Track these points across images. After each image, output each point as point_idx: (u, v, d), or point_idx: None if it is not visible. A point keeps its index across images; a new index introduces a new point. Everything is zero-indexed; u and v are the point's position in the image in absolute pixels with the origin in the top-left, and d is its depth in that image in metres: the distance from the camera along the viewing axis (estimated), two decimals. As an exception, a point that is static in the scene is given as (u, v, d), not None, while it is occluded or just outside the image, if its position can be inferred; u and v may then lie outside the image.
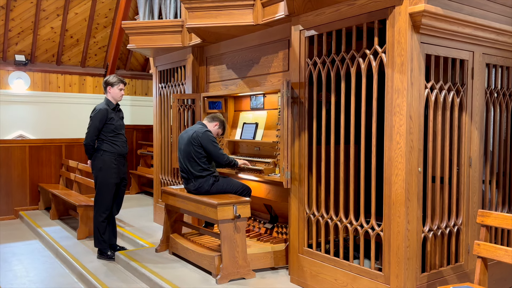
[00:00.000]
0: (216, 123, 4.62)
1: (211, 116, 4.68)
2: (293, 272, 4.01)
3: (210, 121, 4.62)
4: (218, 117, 4.68)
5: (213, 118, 4.64)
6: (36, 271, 4.89)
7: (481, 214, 2.79)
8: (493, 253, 2.67)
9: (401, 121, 3.09)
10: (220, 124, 4.64)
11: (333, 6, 3.51)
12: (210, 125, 4.60)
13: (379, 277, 3.27)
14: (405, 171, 3.08)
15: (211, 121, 4.62)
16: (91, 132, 4.80)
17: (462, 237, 3.57)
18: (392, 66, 3.13)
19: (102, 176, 4.86)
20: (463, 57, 3.47)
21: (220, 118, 4.67)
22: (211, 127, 4.58)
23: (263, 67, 4.61)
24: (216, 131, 4.63)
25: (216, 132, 4.64)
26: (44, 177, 7.77)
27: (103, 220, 4.89)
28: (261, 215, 5.04)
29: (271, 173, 4.33)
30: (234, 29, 4.55)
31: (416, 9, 2.98)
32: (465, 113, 3.53)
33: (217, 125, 4.62)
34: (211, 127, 4.59)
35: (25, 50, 9.09)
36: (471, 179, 3.60)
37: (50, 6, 8.63)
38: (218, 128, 4.63)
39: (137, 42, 5.56)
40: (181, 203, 4.60)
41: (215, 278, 4.04)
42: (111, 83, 4.90)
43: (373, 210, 3.33)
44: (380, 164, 3.35)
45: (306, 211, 3.89)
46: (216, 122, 4.62)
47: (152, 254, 4.82)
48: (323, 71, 3.70)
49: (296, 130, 3.94)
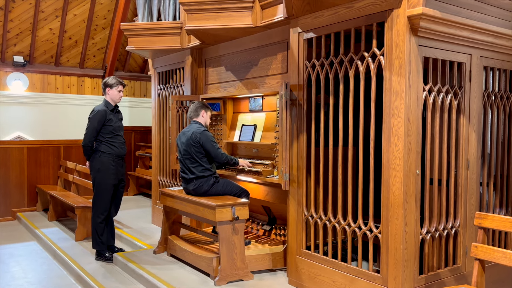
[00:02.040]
0: (202, 112, 4.60)
1: (193, 109, 4.62)
2: (291, 274, 4.01)
3: (197, 115, 4.60)
4: (197, 105, 4.62)
5: (196, 109, 4.61)
6: (34, 273, 4.88)
7: (478, 216, 2.80)
8: (490, 255, 2.68)
9: (399, 124, 3.10)
10: (202, 108, 4.59)
11: (332, 8, 3.53)
12: (201, 119, 4.60)
13: (377, 279, 3.28)
14: (403, 173, 3.09)
15: (197, 115, 4.60)
16: (89, 133, 4.80)
17: (460, 239, 3.58)
18: (390, 69, 3.15)
19: (100, 177, 4.86)
20: (460, 60, 3.48)
21: (198, 104, 4.61)
22: (202, 120, 4.59)
23: (261, 69, 4.62)
24: (206, 119, 4.63)
25: (207, 120, 4.63)
26: (42, 178, 7.76)
27: (101, 222, 4.89)
28: (260, 217, 5.05)
29: (269, 175, 4.34)
30: (233, 31, 4.56)
31: (414, 12, 3.00)
32: (462, 116, 3.54)
33: (203, 112, 4.60)
34: (202, 120, 4.60)
35: (24, 51, 9.08)
36: (469, 181, 3.61)
37: (49, 8, 8.63)
38: (205, 114, 4.61)
39: (136, 44, 5.57)
40: (180, 204, 4.60)
41: (213, 280, 4.04)
42: (110, 84, 4.91)
43: (371, 212, 3.34)
44: (378, 166, 3.36)
45: (305, 213, 3.89)
46: (201, 111, 4.60)
47: (150, 255, 4.82)
48: (322, 73, 3.71)
49: (294, 132, 3.95)
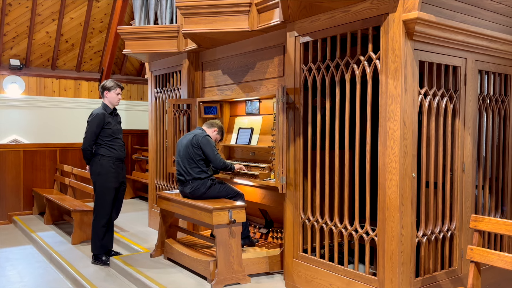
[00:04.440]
0: (215, 129, 4.68)
1: (210, 122, 4.74)
2: (288, 277, 4.02)
3: (209, 127, 4.68)
4: (217, 123, 4.74)
5: (212, 124, 4.71)
6: (30, 277, 4.86)
7: (474, 219, 2.82)
8: (486, 257, 2.69)
9: (395, 127, 3.12)
10: (219, 130, 4.71)
11: (328, 12, 3.55)
12: (209, 131, 4.65)
13: (373, 282, 3.28)
14: (399, 176, 3.11)
15: (210, 127, 4.68)
16: (88, 137, 4.79)
17: (456, 242, 3.60)
18: (386, 73, 3.17)
19: (101, 180, 4.85)
20: (456, 63, 3.51)
21: (219, 125, 4.73)
22: (210, 133, 4.64)
23: (258, 72, 4.63)
24: (215, 137, 4.69)
25: (215, 138, 4.69)
26: (39, 182, 7.73)
27: (103, 225, 4.87)
28: (256, 220, 5.05)
29: (266, 178, 4.35)
30: (230, 35, 4.58)
31: (409, 16, 3.02)
32: (458, 119, 3.57)
33: (216, 130, 4.69)
34: (210, 132, 4.64)
35: (20, 55, 9.07)
36: (464, 184, 3.63)
37: (45, 11, 8.63)
38: (217, 134, 4.70)
39: (133, 47, 5.58)
40: (177, 208, 4.60)
41: (210, 284, 4.04)
42: (108, 87, 4.91)
43: (368, 215, 3.35)
44: (374, 169, 3.38)
45: (301, 216, 3.90)
46: (215, 128, 4.68)
47: (147, 259, 4.81)
48: (318, 77, 3.73)
49: (291, 135, 3.97)
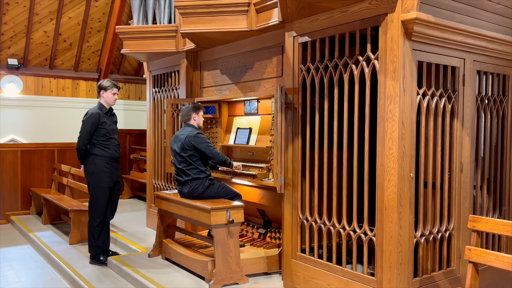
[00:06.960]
0: (193, 115, 4.57)
1: (185, 113, 4.58)
2: (286, 277, 4.01)
3: (189, 118, 4.57)
4: (188, 109, 4.57)
5: (187, 113, 4.57)
6: (27, 277, 4.85)
7: (472, 220, 2.82)
8: (484, 258, 2.70)
9: (393, 127, 3.12)
10: (193, 111, 4.55)
11: (327, 13, 3.55)
12: (193, 122, 4.58)
13: (371, 282, 3.28)
14: (397, 177, 3.11)
15: (189, 118, 4.57)
16: (82, 136, 4.79)
17: (454, 242, 3.60)
18: (384, 73, 3.17)
19: (95, 180, 4.84)
20: (454, 64, 3.51)
21: (189, 107, 4.56)
22: (195, 122, 4.57)
23: (257, 72, 4.63)
24: (200, 119, 4.60)
25: (201, 120, 4.61)
26: (36, 182, 7.71)
27: (97, 225, 4.86)
28: (255, 220, 5.05)
29: (264, 178, 4.34)
30: (228, 35, 4.57)
31: (408, 16, 3.02)
32: (456, 120, 3.57)
33: (194, 115, 4.57)
34: (194, 122, 4.57)
35: (18, 54, 9.05)
36: (463, 185, 3.64)
37: (43, 10, 8.60)
38: (197, 116, 4.58)
39: (131, 47, 5.57)
40: (175, 208, 4.59)
41: (208, 284, 4.04)
42: (104, 87, 4.90)
43: (366, 215, 3.35)
44: (372, 169, 3.38)
45: (300, 216, 3.90)
46: (192, 114, 4.57)
47: (145, 259, 4.80)
48: (317, 77, 3.73)
49: (289, 136, 3.96)
